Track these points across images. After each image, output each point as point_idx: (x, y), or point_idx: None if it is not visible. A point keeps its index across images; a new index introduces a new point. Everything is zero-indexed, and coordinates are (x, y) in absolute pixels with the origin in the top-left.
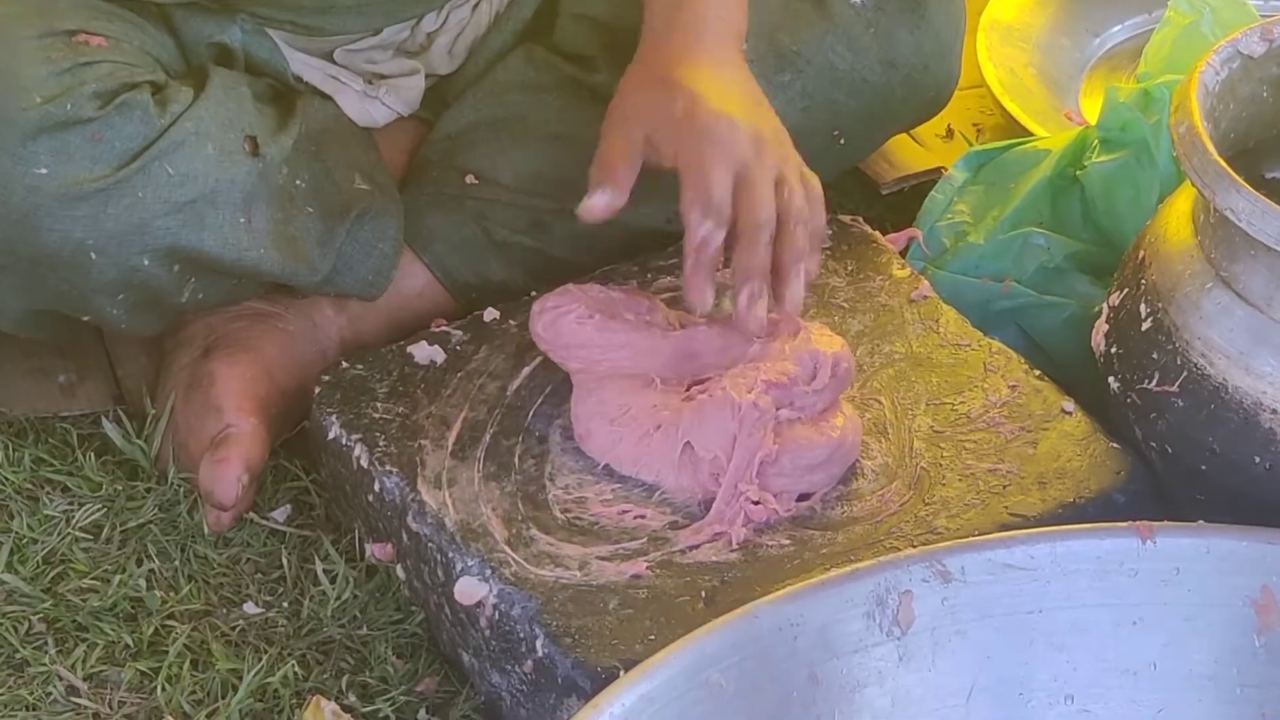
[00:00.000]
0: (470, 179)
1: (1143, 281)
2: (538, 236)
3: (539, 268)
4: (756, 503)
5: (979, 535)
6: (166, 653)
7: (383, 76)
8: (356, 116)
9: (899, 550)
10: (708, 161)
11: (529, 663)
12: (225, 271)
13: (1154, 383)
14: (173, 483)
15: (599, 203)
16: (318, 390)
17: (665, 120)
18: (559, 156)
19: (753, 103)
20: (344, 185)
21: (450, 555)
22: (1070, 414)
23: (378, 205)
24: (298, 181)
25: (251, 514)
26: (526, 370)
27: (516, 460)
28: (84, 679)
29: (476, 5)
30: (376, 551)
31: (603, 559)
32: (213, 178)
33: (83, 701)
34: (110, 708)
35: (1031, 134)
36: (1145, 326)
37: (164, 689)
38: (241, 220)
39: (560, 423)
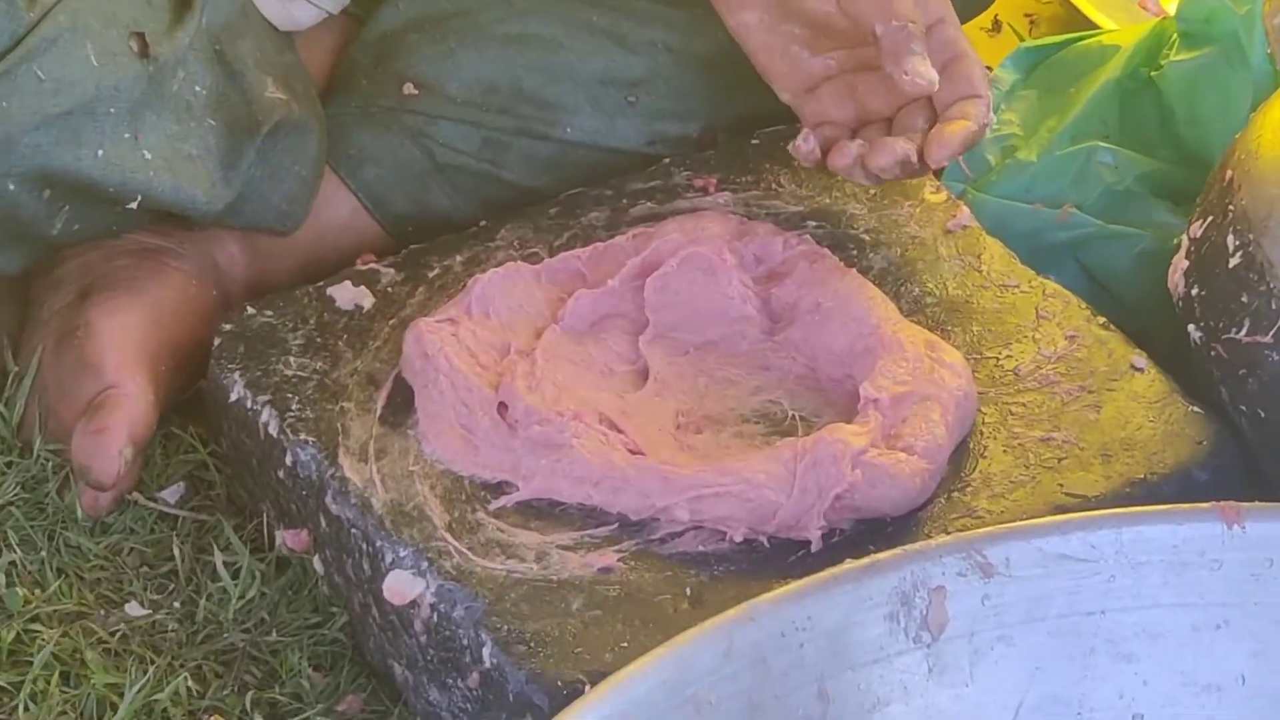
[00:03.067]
0: (409, 88)
1: (1231, 208)
2: (490, 158)
3: (491, 195)
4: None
5: (1027, 519)
6: (31, 664)
7: None
8: (276, 18)
9: (929, 537)
10: None
11: (474, 675)
12: (107, 198)
13: (1243, 332)
14: (39, 456)
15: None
16: (217, 342)
17: None
18: (516, 62)
19: None
20: (253, 94)
21: (378, 544)
22: (1141, 371)
23: (295, 119)
24: (196, 88)
25: (136, 494)
26: None
27: None
28: None
29: None
30: (289, 540)
31: (565, 548)
32: (92, 84)
33: None
34: None
35: (1096, 26)
36: (1233, 263)
37: (27, 708)
38: (127, 136)
39: None
